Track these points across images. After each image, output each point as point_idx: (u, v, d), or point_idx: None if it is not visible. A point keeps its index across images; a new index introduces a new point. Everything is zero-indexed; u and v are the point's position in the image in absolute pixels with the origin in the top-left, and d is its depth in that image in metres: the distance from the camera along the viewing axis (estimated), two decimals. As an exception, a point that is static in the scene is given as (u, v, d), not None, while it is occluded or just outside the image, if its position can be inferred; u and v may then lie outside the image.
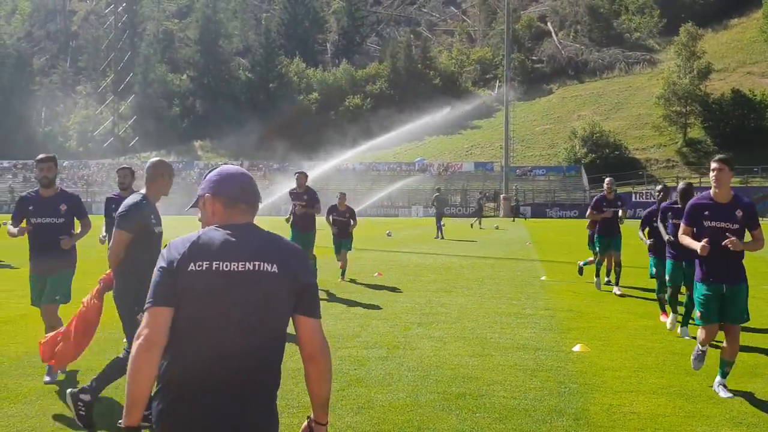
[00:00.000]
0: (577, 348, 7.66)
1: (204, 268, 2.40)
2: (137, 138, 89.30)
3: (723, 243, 5.78)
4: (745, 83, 73.60)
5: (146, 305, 2.41)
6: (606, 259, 12.57)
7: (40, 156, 6.54)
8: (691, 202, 6.22)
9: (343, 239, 14.21)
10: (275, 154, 76.47)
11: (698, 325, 6.30)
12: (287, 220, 12.51)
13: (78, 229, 6.78)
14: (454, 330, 8.76)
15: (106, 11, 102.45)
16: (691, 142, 70.98)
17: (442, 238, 27.17)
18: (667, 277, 8.81)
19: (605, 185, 12.51)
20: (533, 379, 6.43)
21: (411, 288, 12.75)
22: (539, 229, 36.58)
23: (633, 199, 53.07)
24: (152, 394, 2.44)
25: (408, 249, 21.86)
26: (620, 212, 12.21)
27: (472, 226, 36.29)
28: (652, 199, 49.67)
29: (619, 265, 12.28)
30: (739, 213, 5.91)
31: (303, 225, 12.35)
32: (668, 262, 8.75)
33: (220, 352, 2.38)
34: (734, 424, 5.21)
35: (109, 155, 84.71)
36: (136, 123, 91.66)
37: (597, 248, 12.59)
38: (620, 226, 12.37)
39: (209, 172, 2.69)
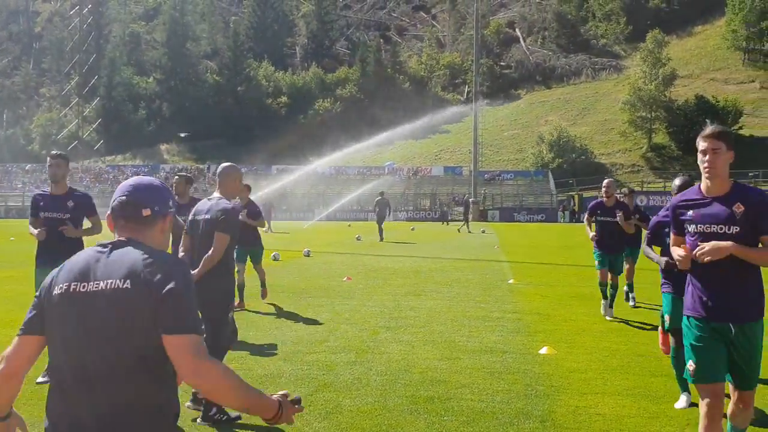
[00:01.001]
0: (543, 350, 7.72)
1: (63, 290, 2.25)
2: (102, 141, 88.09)
3: (695, 252, 3.86)
4: (708, 89, 75.15)
5: (18, 332, 2.33)
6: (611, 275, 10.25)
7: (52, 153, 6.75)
8: (673, 200, 4.26)
9: (250, 248, 10.72)
10: (243, 158, 76.02)
11: (692, 383, 4.21)
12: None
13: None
14: (422, 334, 8.77)
15: (71, 13, 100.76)
16: (655, 147, 72.31)
17: (382, 240, 27.70)
18: (666, 317, 6.12)
19: (603, 188, 10.12)
20: (500, 382, 6.46)
21: (380, 292, 12.72)
22: (507, 232, 36.84)
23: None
24: None
25: (377, 253, 21.86)
26: (619, 219, 9.83)
27: (459, 231, 36.53)
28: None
29: (614, 287, 10.22)
30: (739, 209, 3.83)
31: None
32: (666, 296, 6.09)
33: (79, 385, 2.18)
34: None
35: (73, 158, 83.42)
36: (101, 126, 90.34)
37: (596, 261, 10.44)
38: (625, 237, 10.18)
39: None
